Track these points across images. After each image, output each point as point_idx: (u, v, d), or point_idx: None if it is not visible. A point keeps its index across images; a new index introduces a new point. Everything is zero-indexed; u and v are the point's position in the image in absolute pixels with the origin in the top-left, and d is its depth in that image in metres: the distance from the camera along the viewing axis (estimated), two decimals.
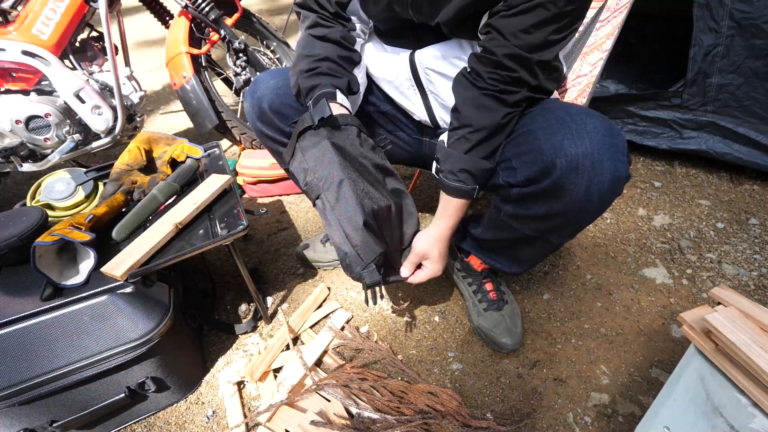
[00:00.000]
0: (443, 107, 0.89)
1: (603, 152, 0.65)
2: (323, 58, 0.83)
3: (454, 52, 0.81)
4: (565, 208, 0.72)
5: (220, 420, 0.93)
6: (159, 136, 1.12)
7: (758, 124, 1.28)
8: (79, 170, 1.08)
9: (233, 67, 1.73)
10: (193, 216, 0.95)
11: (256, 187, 1.59)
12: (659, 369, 0.94)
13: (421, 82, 0.87)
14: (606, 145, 0.66)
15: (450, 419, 0.85)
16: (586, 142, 0.65)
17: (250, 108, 0.91)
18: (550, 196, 0.72)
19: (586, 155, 0.65)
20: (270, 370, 0.98)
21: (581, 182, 0.67)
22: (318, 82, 0.82)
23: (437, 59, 0.82)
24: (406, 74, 0.87)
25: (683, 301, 1.08)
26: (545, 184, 0.70)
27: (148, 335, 0.83)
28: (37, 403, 0.79)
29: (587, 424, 0.86)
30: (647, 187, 1.46)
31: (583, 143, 0.65)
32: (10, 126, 1.32)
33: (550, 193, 0.71)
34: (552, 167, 0.68)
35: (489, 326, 1.01)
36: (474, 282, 1.08)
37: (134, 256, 0.83)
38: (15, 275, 0.87)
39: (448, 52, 0.81)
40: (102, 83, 1.46)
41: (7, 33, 1.29)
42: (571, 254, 1.24)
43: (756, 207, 1.33)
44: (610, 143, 0.66)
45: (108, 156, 1.94)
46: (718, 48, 1.24)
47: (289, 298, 1.20)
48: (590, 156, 0.65)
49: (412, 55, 0.85)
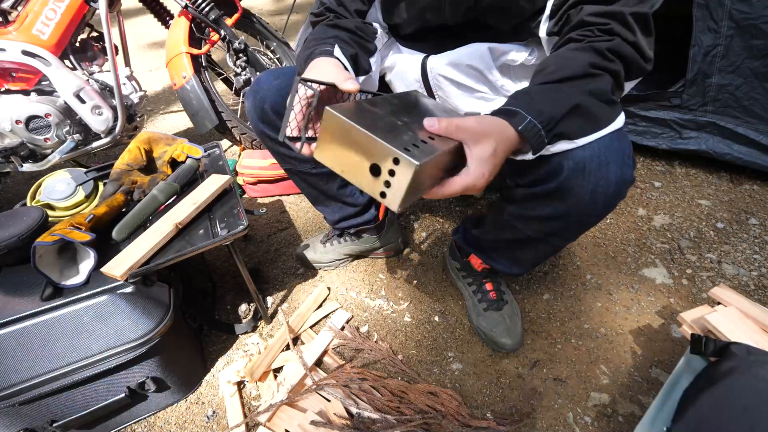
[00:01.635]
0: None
1: (610, 155, 0.65)
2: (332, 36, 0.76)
3: (469, 59, 0.81)
4: (569, 210, 0.72)
5: (220, 420, 0.93)
6: (159, 136, 1.12)
7: (758, 124, 1.28)
8: (79, 170, 1.08)
9: (233, 68, 1.73)
10: (193, 216, 0.95)
11: (256, 187, 1.59)
12: (659, 369, 0.94)
13: (431, 86, 0.87)
14: (613, 148, 0.65)
15: (450, 419, 0.85)
16: (593, 144, 0.65)
17: (251, 108, 0.91)
18: (556, 198, 0.71)
19: (593, 158, 0.65)
20: (270, 370, 0.98)
21: (587, 185, 0.67)
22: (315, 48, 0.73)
23: (450, 66, 0.82)
24: (416, 76, 0.87)
25: (683, 301, 1.08)
26: (552, 186, 0.69)
27: (148, 335, 0.83)
28: (37, 403, 0.79)
29: (587, 424, 0.86)
30: (647, 187, 1.46)
31: (591, 146, 0.65)
32: (11, 126, 1.32)
33: (556, 195, 0.71)
34: (559, 169, 0.67)
35: (489, 326, 1.01)
36: (474, 282, 1.08)
37: (134, 256, 0.83)
38: (15, 275, 0.87)
39: (462, 60, 0.81)
40: (102, 83, 1.46)
41: (7, 33, 1.29)
42: (571, 254, 1.24)
43: (756, 207, 1.33)
44: (617, 147, 0.65)
45: (108, 156, 1.94)
46: (717, 48, 1.24)
47: (289, 298, 1.20)
48: (597, 159, 0.65)
49: (425, 59, 0.84)
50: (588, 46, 0.60)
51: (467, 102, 0.88)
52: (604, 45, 0.59)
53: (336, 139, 0.50)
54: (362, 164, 0.49)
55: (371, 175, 0.49)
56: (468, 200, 1.48)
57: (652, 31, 0.62)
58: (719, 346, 0.68)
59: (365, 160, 0.48)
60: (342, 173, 0.51)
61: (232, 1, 1.69)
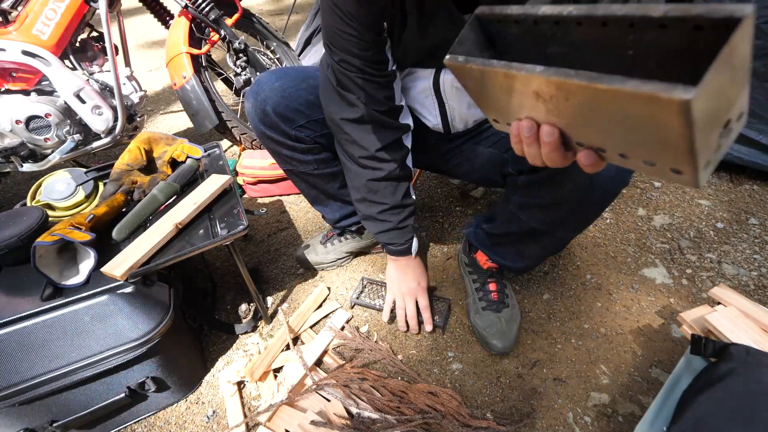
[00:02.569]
0: (459, 116, 0.90)
1: None
2: (389, 208, 0.94)
3: None
4: (568, 195, 0.74)
5: (220, 420, 0.93)
6: (159, 136, 1.12)
7: (758, 124, 1.28)
8: (79, 170, 1.08)
9: (233, 68, 1.73)
10: (193, 216, 0.95)
11: (256, 187, 1.59)
12: (659, 369, 0.94)
13: (441, 95, 0.87)
14: None
15: (450, 419, 0.85)
16: None
17: (252, 110, 0.90)
18: (556, 183, 0.74)
19: None
20: (270, 370, 0.98)
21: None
22: (389, 241, 1.00)
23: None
24: (427, 85, 0.86)
25: (683, 301, 1.08)
26: (551, 170, 0.71)
27: (148, 335, 0.83)
28: (37, 403, 0.79)
29: (587, 424, 0.86)
30: (647, 187, 1.46)
31: None
32: (11, 126, 1.32)
33: (556, 180, 0.73)
34: None
35: (483, 325, 1.01)
36: (478, 279, 1.09)
37: (134, 256, 0.83)
38: (15, 275, 0.87)
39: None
40: (102, 83, 1.46)
41: (7, 33, 1.29)
42: (571, 254, 1.24)
43: (756, 207, 1.33)
44: None
45: (108, 156, 1.94)
46: None
47: (289, 298, 1.20)
48: None
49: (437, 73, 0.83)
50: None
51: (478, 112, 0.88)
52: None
53: (728, 76, 0.29)
54: (722, 118, 0.31)
55: (717, 137, 0.32)
56: (468, 200, 1.48)
57: None
58: (718, 347, 0.68)
59: (728, 111, 0.32)
60: (701, 131, 0.29)
61: (232, 1, 1.69)
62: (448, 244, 1.32)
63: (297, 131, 0.92)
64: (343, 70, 0.76)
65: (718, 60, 0.26)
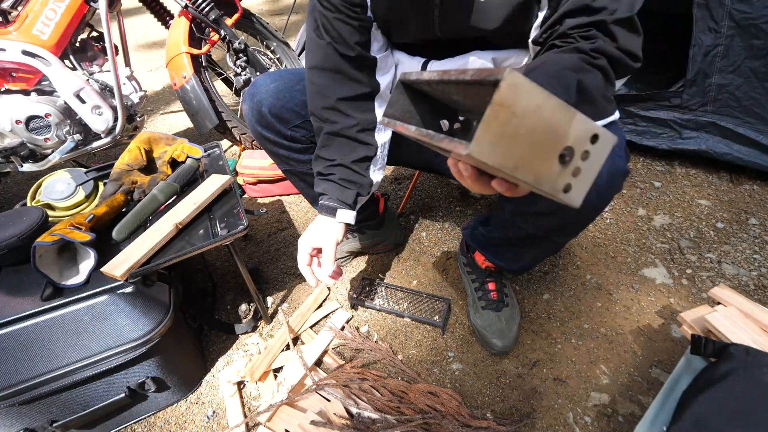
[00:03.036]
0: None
1: None
2: (337, 164, 0.85)
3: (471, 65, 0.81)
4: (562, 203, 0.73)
5: (220, 420, 0.93)
6: (159, 136, 1.12)
7: (758, 124, 1.28)
8: (79, 170, 1.08)
9: (233, 68, 1.73)
10: (193, 216, 0.95)
11: (256, 187, 1.59)
12: (659, 369, 0.94)
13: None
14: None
15: (450, 419, 0.85)
16: None
17: (248, 111, 0.91)
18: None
19: None
20: (270, 370, 0.98)
21: None
22: (324, 191, 0.87)
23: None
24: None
25: (683, 301, 1.08)
26: None
27: (148, 335, 0.83)
28: (37, 403, 0.79)
29: (587, 424, 0.86)
30: (647, 187, 1.46)
31: None
32: (11, 126, 1.32)
33: None
34: None
35: (482, 325, 1.01)
36: (477, 279, 1.09)
37: (134, 256, 0.83)
38: (15, 275, 0.87)
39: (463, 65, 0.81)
40: (102, 83, 1.46)
41: (7, 33, 1.29)
42: (571, 254, 1.24)
43: (756, 207, 1.33)
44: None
45: (108, 156, 1.95)
46: (717, 48, 1.24)
47: (289, 298, 1.20)
48: None
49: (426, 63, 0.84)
50: (572, 47, 0.59)
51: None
52: (587, 46, 0.58)
53: (514, 124, 0.34)
54: (550, 151, 0.35)
55: (559, 165, 0.36)
56: (468, 200, 1.48)
57: (639, 30, 0.60)
58: (718, 347, 0.68)
59: (556, 144, 0.35)
60: (514, 170, 0.35)
61: (232, 1, 1.70)
62: (448, 244, 1.32)
63: (293, 131, 0.92)
64: (323, 9, 0.77)
65: (485, 119, 0.31)
